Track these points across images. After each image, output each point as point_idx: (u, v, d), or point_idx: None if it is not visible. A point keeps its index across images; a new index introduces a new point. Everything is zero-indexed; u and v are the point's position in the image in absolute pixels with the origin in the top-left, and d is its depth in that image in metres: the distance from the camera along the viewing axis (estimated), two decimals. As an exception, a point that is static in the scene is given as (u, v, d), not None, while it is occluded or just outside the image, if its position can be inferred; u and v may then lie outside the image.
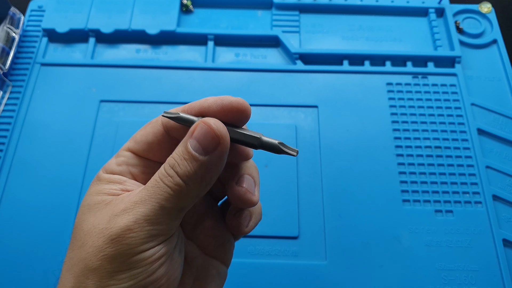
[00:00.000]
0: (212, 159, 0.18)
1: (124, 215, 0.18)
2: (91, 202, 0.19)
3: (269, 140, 0.19)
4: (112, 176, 0.20)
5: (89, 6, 0.46)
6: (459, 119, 0.40)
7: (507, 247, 0.35)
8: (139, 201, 0.18)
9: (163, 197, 0.18)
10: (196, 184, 0.18)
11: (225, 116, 0.19)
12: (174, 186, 0.18)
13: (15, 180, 0.37)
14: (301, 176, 0.37)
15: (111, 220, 0.18)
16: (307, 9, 0.47)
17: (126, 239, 0.17)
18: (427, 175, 0.38)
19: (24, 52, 0.44)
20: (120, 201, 0.18)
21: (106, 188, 0.20)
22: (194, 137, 0.18)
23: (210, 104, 0.19)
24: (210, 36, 0.45)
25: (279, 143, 0.19)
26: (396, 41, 0.45)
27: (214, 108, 0.19)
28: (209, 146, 0.18)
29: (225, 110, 0.19)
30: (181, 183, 0.18)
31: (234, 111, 0.19)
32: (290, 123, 0.40)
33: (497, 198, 0.37)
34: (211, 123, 0.18)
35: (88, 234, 0.18)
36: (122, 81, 0.42)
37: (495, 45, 0.45)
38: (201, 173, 0.18)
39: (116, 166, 0.21)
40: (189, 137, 0.18)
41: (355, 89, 0.42)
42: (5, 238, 0.35)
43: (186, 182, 0.18)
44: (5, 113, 0.41)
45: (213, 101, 0.19)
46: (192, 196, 0.18)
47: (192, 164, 0.18)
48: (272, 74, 0.43)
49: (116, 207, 0.18)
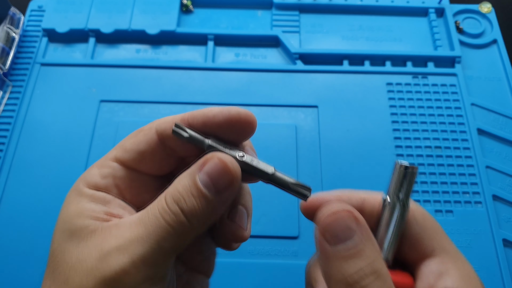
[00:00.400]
0: (222, 199, 0.16)
1: (119, 256, 0.15)
2: (72, 227, 0.17)
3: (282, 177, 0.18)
4: (95, 193, 0.18)
5: (89, 6, 0.46)
6: (459, 119, 0.40)
7: (507, 247, 0.35)
8: (135, 239, 0.15)
9: (163, 237, 0.15)
10: (200, 223, 0.16)
11: (230, 128, 0.18)
12: (176, 225, 0.16)
13: (15, 180, 0.37)
14: (301, 176, 0.37)
15: (103, 259, 0.15)
16: (307, 9, 0.47)
17: (121, 283, 0.15)
18: (427, 175, 0.38)
19: (24, 52, 0.44)
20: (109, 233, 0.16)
21: (88, 208, 0.17)
22: (206, 172, 0.16)
23: (215, 114, 0.18)
24: (210, 36, 0.45)
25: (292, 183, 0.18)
26: (396, 41, 0.45)
27: (219, 119, 0.17)
28: (222, 185, 0.16)
29: (231, 121, 0.18)
30: (185, 221, 0.16)
31: (242, 122, 0.18)
32: (290, 123, 0.40)
33: (497, 198, 0.37)
34: (227, 161, 0.16)
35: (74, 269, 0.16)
36: (122, 81, 0.42)
37: (495, 45, 0.45)
38: (208, 212, 0.16)
39: (101, 179, 0.18)
40: (198, 169, 0.16)
41: (355, 89, 0.42)
42: (4, 238, 0.35)
43: (190, 220, 0.16)
44: (5, 113, 0.41)
45: (218, 111, 0.18)
46: (193, 235, 0.16)
47: (200, 201, 0.16)
48: (272, 74, 0.43)
49: (106, 242, 0.16)
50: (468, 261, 0.17)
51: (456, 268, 0.16)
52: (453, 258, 0.16)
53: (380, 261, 0.15)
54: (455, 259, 0.16)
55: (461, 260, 0.16)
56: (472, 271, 0.16)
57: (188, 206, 0.16)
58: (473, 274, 0.16)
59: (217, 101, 0.41)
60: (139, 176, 0.19)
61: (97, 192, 0.18)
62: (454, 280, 0.16)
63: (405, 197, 0.17)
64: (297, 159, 0.38)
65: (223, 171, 0.16)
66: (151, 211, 0.16)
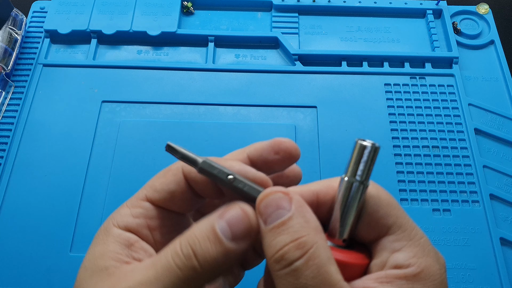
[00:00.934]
0: (237, 247, 0.16)
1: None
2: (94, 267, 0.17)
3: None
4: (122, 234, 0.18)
5: (91, 8, 0.46)
6: (456, 119, 0.41)
7: (505, 246, 0.35)
8: (144, 282, 0.15)
9: (171, 281, 0.15)
10: (212, 269, 0.15)
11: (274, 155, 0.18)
12: (186, 269, 0.15)
13: (17, 180, 0.38)
14: (300, 176, 0.38)
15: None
16: (306, 11, 0.48)
17: None
18: (425, 174, 0.38)
19: (27, 53, 0.45)
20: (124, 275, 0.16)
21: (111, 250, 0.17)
22: (227, 220, 0.16)
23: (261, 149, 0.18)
24: (211, 38, 0.45)
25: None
26: (394, 42, 0.46)
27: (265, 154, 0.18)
28: (240, 234, 0.16)
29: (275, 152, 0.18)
30: (197, 266, 0.15)
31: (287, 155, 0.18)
32: (290, 123, 0.40)
33: (494, 197, 0.37)
34: (248, 211, 0.16)
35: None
36: (123, 82, 0.43)
37: (493, 46, 0.46)
38: (222, 260, 0.15)
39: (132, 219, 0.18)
40: (218, 217, 0.16)
41: (353, 89, 0.43)
42: (7, 238, 0.35)
43: (202, 265, 0.15)
44: (8, 114, 0.41)
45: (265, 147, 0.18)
46: (203, 282, 0.16)
47: (216, 247, 0.15)
48: (271, 75, 0.43)
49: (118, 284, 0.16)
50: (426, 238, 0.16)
51: (411, 245, 0.16)
52: (408, 235, 0.16)
53: (311, 237, 0.15)
54: (410, 236, 0.16)
55: (417, 236, 0.16)
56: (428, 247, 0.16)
57: (203, 249, 0.15)
58: (428, 250, 0.16)
59: (217, 102, 0.42)
60: (169, 215, 0.19)
61: (124, 232, 0.18)
62: (407, 257, 0.15)
63: (363, 176, 0.16)
64: (296, 159, 0.39)
65: (243, 220, 0.16)
66: (163, 253, 0.16)
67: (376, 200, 0.16)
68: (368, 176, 0.16)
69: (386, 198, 0.17)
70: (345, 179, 0.16)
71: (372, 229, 0.17)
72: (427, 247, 0.16)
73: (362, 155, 0.16)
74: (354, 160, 0.16)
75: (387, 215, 0.16)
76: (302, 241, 0.14)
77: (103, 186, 0.37)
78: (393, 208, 0.16)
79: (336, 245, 0.17)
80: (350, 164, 0.16)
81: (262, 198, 0.16)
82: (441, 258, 0.16)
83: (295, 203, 0.15)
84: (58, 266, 0.34)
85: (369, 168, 0.16)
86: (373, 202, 0.17)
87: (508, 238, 0.35)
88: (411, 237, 0.16)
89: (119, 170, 0.38)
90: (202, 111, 0.41)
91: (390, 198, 0.17)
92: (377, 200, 0.16)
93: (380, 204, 0.16)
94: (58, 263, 0.34)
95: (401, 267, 0.15)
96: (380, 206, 0.16)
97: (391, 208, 0.16)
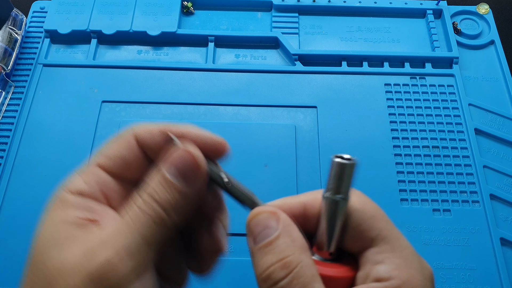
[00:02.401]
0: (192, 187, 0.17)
1: (103, 249, 0.15)
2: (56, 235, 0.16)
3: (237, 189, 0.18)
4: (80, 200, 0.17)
5: (91, 8, 0.46)
6: (456, 119, 0.41)
7: (505, 246, 0.35)
8: (118, 233, 0.16)
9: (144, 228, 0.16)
10: (177, 213, 0.16)
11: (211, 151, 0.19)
12: (155, 216, 0.16)
13: (17, 180, 0.38)
14: (300, 175, 0.38)
15: (87, 256, 0.15)
16: (306, 11, 0.48)
17: (107, 277, 0.15)
18: (425, 174, 0.38)
19: (27, 53, 0.45)
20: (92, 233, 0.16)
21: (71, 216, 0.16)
22: (172, 163, 0.17)
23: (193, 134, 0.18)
24: (211, 38, 0.45)
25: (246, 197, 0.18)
26: (394, 42, 0.46)
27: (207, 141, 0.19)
28: (188, 172, 0.17)
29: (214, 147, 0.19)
30: (162, 213, 0.16)
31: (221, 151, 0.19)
32: (290, 123, 0.40)
33: (495, 197, 0.37)
34: (191, 150, 0.17)
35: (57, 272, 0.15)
36: (123, 82, 0.43)
37: (493, 46, 0.46)
38: (182, 202, 0.16)
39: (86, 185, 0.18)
40: (164, 162, 0.17)
41: (353, 89, 0.43)
42: (7, 238, 0.35)
43: (167, 211, 0.16)
44: (8, 114, 0.41)
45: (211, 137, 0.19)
46: (172, 226, 0.17)
47: (172, 192, 0.16)
48: (271, 75, 0.43)
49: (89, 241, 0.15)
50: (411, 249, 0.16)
51: (393, 257, 0.16)
52: (391, 247, 0.16)
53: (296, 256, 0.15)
54: (393, 248, 0.16)
55: (401, 248, 0.16)
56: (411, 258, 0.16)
57: (162, 198, 0.16)
58: (411, 262, 0.16)
59: (217, 102, 0.42)
60: (123, 183, 0.18)
61: (82, 198, 0.17)
62: (389, 269, 0.15)
63: (342, 190, 0.16)
64: (296, 159, 0.39)
65: (188, 159, 0.17)
66: (130, 208, 0.16)
67: (360, 214, 0.17)
68: (348, 192, 0.16)
69: (371, 210, 0.17)
70: (325, 196, 0.17)
71: (357, 242, 0.17)
72: (411, 258, 0.16)
73: (340, 172, 0.16)
74: (333, 177, 0.16)
75: (370, 228, 0.16)
76: (287, 261, 0.15)
77: (103, 186, 0.37)
78: (377, 221, 0.16)
79: (324, 258, 0.17)
80: (329, 181, 0.17)
81: (251, 218, 0.16)
82: (427, 269, 0.16)
83: (282, 222, 0.16)
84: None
85: (348, 184, 0.16)
86: (357, 215, 0.17)
87: (508, 238, 0.35)
88: (394, 249, 0.16)
89: (119, 170, 0.38)
90: (202, 111, 0.41)
91: (375, 210, 0.17)
92: (361, 213, 0.17)
93: (364, 217, 0.16)
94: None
95: (382, 280, 0.15)
96: (363, 219, 0.16)
97: (375, 220, 0.16)
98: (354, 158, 0.16)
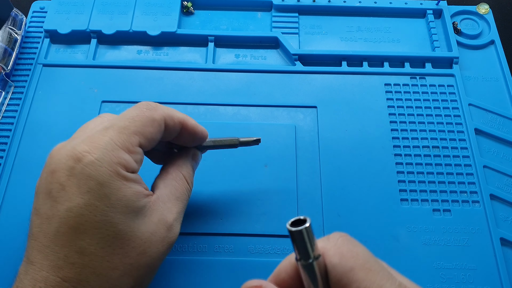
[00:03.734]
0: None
1: (177, 225, 0.24)
2: (135, 208, 0.21)
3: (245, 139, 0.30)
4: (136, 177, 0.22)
5: (91, 8, 0.46)
6: (456, 119, 0.41)
7: (505, 246, 0.35)
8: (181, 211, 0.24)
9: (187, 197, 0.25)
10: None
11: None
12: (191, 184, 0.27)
13: (17, 180, 0.38)
14: (300, 176, 0.38)
15: (170, 230, 0.23)
16: (306, 11, 0.48)
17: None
18: (425, 174, 0.38)
19: (26, 53, 0.45)
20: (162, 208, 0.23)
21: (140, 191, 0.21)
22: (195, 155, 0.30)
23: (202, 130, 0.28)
24: (211, 38, 0.45)
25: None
26: (394, 42, 0.46)
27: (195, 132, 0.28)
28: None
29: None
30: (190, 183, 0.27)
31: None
32: (290, 123, 0.40)
33: (495, 198, 0.37)
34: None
35: (149, 241, 0.21)
36: (123, 82, 0.43)
37: (493, 46, 0.46)
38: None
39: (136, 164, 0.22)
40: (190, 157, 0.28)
41: (353, 89, 0.43)
42: (7, 238, 0.35)
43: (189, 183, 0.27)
44: (8, 114, 0.41)
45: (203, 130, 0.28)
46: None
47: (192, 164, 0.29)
48: (271, 75, 0.43)
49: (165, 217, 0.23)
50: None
51: None
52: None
53: None
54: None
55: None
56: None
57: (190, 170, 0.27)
58: None
59: (217, 102, 0.42)
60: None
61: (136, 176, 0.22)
62: None
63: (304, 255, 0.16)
64: (296, 159, 0.39)
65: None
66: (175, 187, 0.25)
67: (339, 268, 0.16)
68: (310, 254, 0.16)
69: (349, 262, 0.16)
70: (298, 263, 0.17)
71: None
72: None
73: (294, 239, 0.16)
74: (295, 245, 0.17)
75: (350, 281, 0.16)
76: None
77: (103, 186, 0.37)
78: (356, 273, 0.16)
79: None
80: (294, 249, 0.17)
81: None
82: None
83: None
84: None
85: (311, 245, 0.16)
86: (336, 271, 0.16)
87: (508, 238, 0.35)
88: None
89: (119, 170, 0.38)
90: (202, 111, 0.41)
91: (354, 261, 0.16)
92: (339, 267, 0.16)
93: (342, 271, 0.16)
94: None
95: None
96: (342, 273, 0.16)
97: (354, 273, 0.16)
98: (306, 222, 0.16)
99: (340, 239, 0.17)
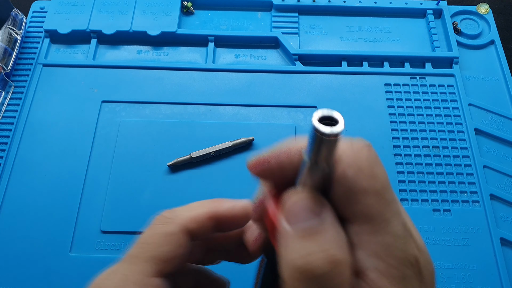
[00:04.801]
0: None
1: None
2: None
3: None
4: None
5: (91, 8, 0.46)
6: (456, 119, 0.41)
7: (505, 246, 0.35)
8: None
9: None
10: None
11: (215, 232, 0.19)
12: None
13: (17, 180, 0.38)
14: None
15: None
16: (306, 11, 0.48)
17: None
18: (425, 174, 0.38)
19: (26, 53, 0.45)
20: None
21: None
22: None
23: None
24: (211, 38, 0.45)
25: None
26: (394, 42, 0.46)
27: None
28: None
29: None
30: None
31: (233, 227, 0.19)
32: (290, 123, 0.40)
33: (495, 197, 0.37)
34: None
35: None
36: (123, 82, 0.43)
37: (493, 46, 0.46)
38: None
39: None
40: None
41: (353, 89, 0.43)
42: (7, 238, 0.35)
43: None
44: (8, 113, 0.41)
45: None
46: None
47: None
48: (271, 75, 0.43)
49: None
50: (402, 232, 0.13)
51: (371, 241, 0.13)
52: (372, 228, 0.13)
53: (339, 251, 0.12)
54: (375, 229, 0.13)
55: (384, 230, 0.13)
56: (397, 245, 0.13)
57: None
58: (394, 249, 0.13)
59: (217, 102, 0.42)
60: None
61: None
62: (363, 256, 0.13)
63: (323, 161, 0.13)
64: (296, 159, 0.39)
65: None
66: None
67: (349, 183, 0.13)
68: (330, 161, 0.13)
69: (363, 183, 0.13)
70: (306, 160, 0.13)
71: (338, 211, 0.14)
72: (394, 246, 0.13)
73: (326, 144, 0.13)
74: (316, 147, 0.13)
75: (356, 202, 0.13)
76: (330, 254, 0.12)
77: (103, 186, 0.37)
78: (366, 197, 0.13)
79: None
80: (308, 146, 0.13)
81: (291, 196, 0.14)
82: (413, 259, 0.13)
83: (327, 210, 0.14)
84: (58, 266, 0.34)
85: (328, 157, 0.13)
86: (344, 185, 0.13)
87: (508, 238, 0.35)
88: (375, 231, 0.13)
89: (119, 170, 0.38)
90: (202, 111, 0.41)
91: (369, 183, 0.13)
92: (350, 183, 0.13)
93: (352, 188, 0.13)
94: (58, 263, 0.34)
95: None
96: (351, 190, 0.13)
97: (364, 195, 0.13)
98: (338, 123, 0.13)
99: (363, 151, 0.14)
